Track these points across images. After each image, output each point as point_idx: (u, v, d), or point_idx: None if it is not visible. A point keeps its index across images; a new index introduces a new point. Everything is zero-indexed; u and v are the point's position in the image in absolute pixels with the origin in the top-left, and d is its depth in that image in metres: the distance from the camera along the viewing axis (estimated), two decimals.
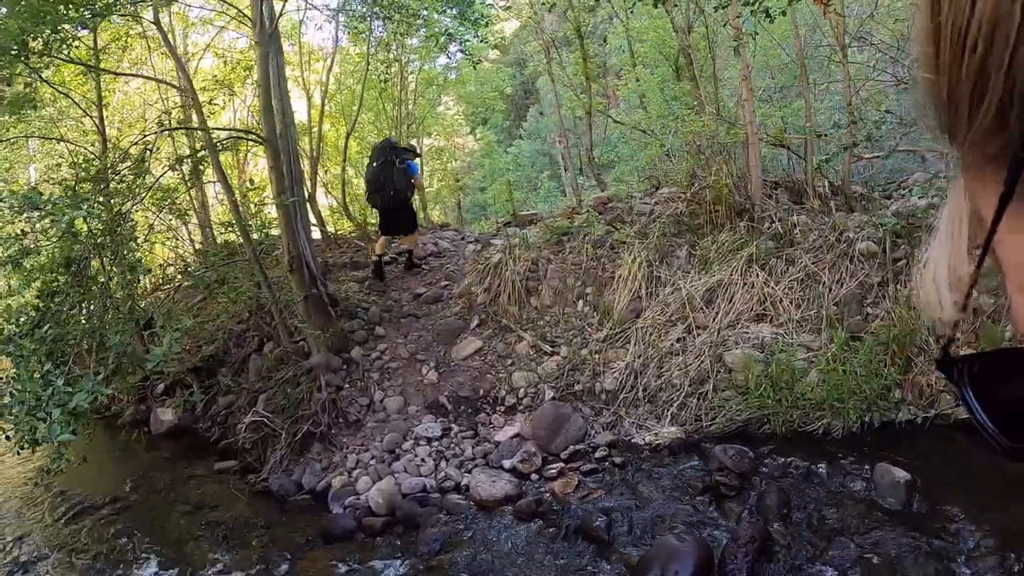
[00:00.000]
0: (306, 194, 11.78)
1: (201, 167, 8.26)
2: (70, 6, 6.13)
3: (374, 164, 8.76)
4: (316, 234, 11.56)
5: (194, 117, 8.49)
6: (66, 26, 6.50)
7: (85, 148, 10.05)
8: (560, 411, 6.29)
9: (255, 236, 7.70)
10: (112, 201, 6.73)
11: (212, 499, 6.37)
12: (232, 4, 8.86)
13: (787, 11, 8.70)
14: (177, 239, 11.40)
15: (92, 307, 6.53)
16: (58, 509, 6.31)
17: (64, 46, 6.73)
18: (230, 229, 7.90)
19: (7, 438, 4.71)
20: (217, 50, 11.91)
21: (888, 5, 9.42)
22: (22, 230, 6.34)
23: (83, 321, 6.38)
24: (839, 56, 7.92)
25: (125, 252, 6.59)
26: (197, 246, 11.51)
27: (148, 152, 7.37)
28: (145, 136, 7.99)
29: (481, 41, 11.37)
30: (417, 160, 9.51)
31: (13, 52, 6.06)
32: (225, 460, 6.98)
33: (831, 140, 8.00)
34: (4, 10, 6.53)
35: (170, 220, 10.08)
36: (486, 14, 10.99)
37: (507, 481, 5.65)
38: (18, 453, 4.83)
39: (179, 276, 8.84)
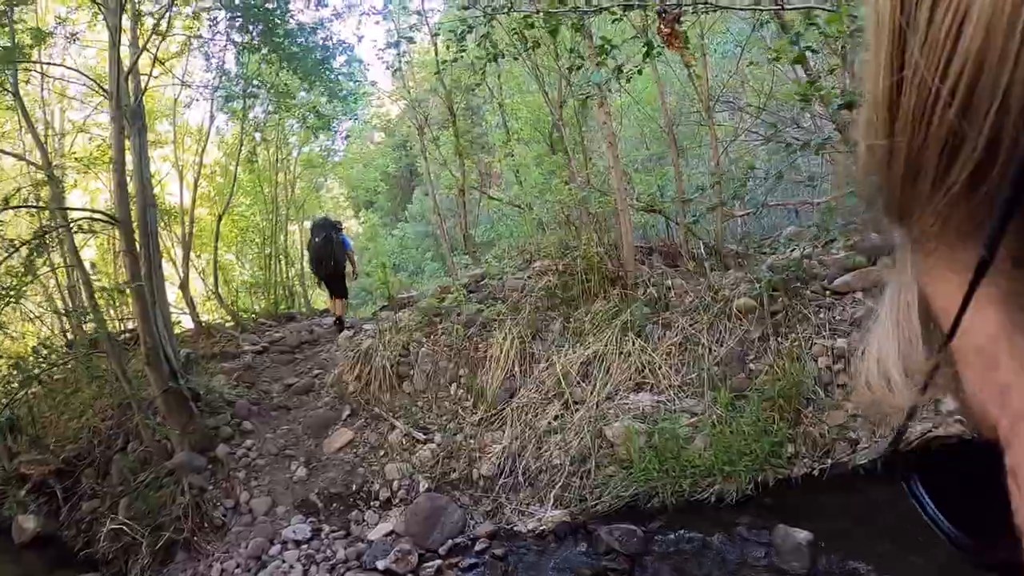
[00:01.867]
0: (178, 280, 11.25)
1: (47, 249, 7.67)
2: None
3: (316, 240, 10.09)
4: (189, 322, 10.99)
5: (44, 195, 7.98)
6: None
7: None
8: (436, 503, 5.85)
9: (112, 326, 7.23)
10: None
11: None
12: (92, 78, 8.43)
13: (653, 79, 8.94)
14: (44, 326, 10.58)
15: None
16: None
17: None
18: (87, 318, 7.46)
19: None
20: (86, 128, 11.35)
21: (749, 68, 9.81)
22: None
23: None
24: (706, 119, 8.09)
25: None
26: (69, 336, 10.63)
27: None
28: None
29: (352, 118, 11.26)
30: (345, 231, 10.63)
31: None
32: (88, 573, 6.27)
33: (701, 202, 8.10)
34: None
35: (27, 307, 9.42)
36: (355, 92, 10.93)
37: None
38: None
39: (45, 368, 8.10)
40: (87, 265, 8.37)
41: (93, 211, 8.16)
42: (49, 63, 8.76)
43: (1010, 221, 0.29)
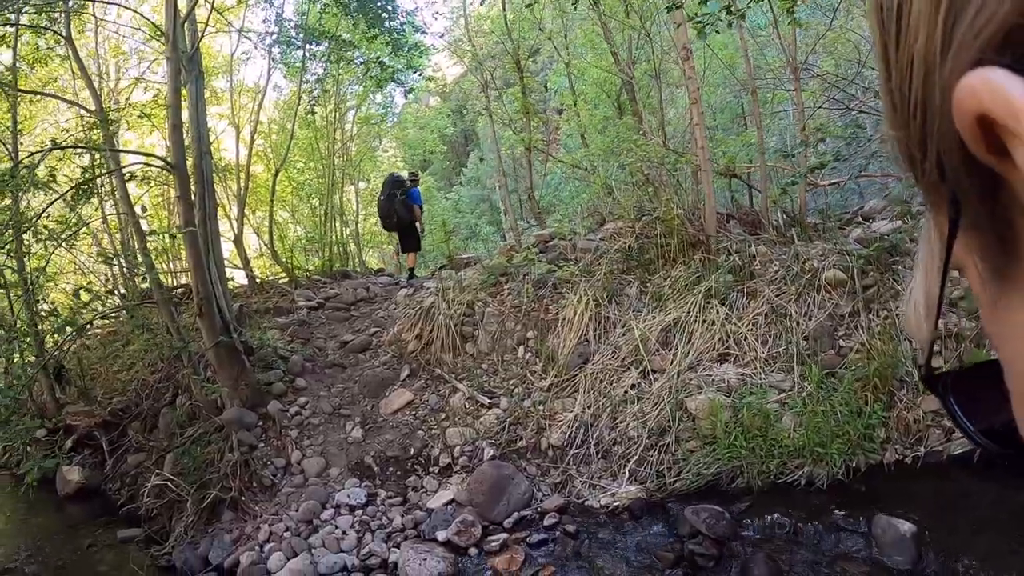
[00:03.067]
0: (233, 235, 11.09)
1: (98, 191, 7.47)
2: None
3: (381, 197, 10.85)
4: (242, 278, 10.83)
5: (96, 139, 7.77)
6: None
7: None
8: (501, 472, 5.46)
9: (164, 279, 7.04)
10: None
11: (110, 574, 5.51)
12: (147, 18, 8.22)
13: (737, 35, 8.37)
14: (96, 280, 10.48)
15: None
16: None
17: None
18: (138, 266, 7.30)
19: None
20: (143, 79, 11.22)
21: (836, 37, 9.18)
22: None
23: None
24: (791, 76, 7.50)
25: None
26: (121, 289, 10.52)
27: (27, 171, 6.50)
28: (33, 154, 7.11)
29: (415, 72, 10.87)
30: (419, 186, 11.34)
31: None
32: (130, 528, 6.04)
33: (784, 168, 7.56)
34: None
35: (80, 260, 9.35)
36: (420, 45, 10.60)
37: (440, 558, 4.76)
38: None
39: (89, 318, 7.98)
40: (138, 210, 8.14)
41: (148, 154, 7.89)
42: (104, 1, 8.45)
43: (960, 210, 0.36)
